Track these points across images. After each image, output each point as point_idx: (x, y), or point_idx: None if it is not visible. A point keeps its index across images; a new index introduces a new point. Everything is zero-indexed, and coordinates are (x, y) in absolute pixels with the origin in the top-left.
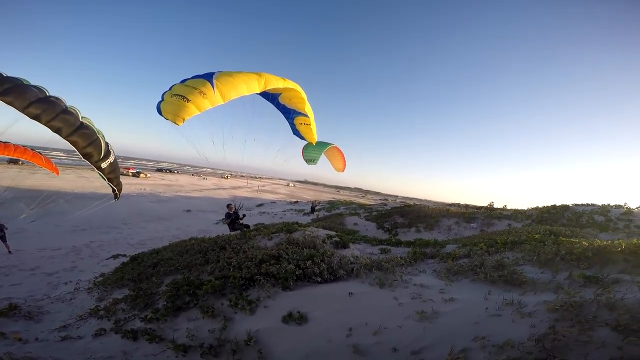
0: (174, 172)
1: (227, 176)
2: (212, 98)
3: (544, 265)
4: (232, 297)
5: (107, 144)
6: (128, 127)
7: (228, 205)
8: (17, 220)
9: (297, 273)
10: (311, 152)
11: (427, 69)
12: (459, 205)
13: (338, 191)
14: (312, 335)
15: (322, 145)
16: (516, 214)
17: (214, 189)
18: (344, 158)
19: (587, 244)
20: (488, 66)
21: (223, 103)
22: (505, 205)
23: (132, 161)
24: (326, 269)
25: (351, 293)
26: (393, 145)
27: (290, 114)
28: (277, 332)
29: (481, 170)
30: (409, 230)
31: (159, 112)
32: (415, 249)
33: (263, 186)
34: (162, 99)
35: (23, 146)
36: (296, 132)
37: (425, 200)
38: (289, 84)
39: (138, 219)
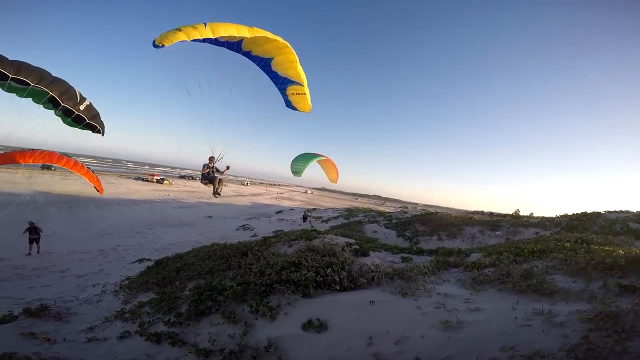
0: (196, 179)
1: (247, 183)
2: (202, 31)
3: (575, 274)
4: (253, 303)
5: (80, 93)
6: (153, 137)
7: (210, 158)
8: (49, 223)
9: (317, 280)
10: (298, 164)
11: (448, 68)
12: (482, 213)
13: (356, 198)
14: (331, 343)
15: (308, 157)
16: (544, 222)
17: (234, 196)
18: (337, 170)
19: (622, 252)
20: (513, 69)
21: (212, 37)
22: (532, 213)
23: (158, 168)
24: (346, 277)
25: (372, 301)
26: (413, 151)
27: (283, 83)
28: (297, 339)
29: (506, 177)
30: (430, 239)
31: (153, 44)
32: (438, 258)
33: (282, 193)
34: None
35: (74, 159)
36: (289, 104)
37: (447, 208)
38: (279, 40)
39: (162, 224)
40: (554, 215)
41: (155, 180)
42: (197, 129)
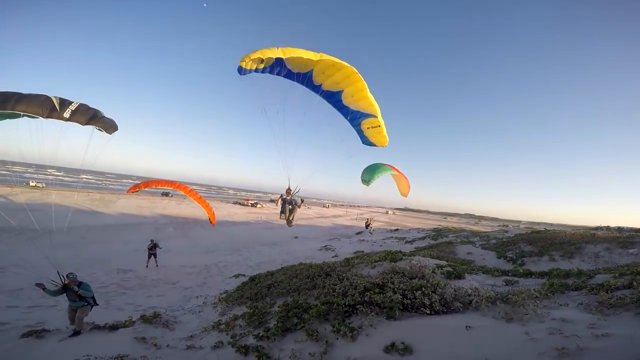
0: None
1: (328, 205)
2: (274, 51)
3: None
4: (335, 322)
5: (61, 98)
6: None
7: (287, 189)
8: (166, 241)
9: (404, 303)
10: (368, 173)
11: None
12: (608, 228)
13: (445, 218)
14: None
15: (380, 168)
16: None
17: (317, 218)
18: (408, 183)
19: None
20: None
21: (282, 57)
22: None
23: (252, 193)
24: (438, 300)
25: (469, 326)
26: (513, 163)
27: (356, 118)
28: None
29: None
30: (539, 260)
31: (238, 70)
32: (552, 280)
33: (362, 214)
34: None
35: (197, 193)
36: (365, 140)
37: (558, 225)
38: (346, 65)
39: (256, 243)
40: None
41: (250, 204)
42: (277, 158)
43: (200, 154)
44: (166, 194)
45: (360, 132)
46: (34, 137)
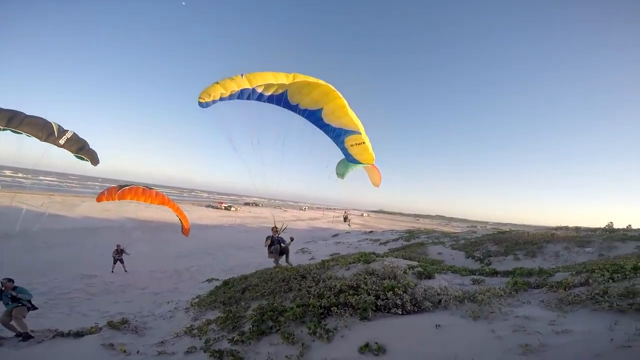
0: (259, 206)
1: (305, 208)
2: (238, 81)
3: None
4: (311, 325)
5: (59, 126)
6: (223, 169)
7: (272, 228)
8: (134, 245)
9: (377, 304)
10: (341, 166)
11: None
12: (567, 228)
13: (417, 220)
14: None
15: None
16: None
17: (294, 220)
18: (379, 174)
19: None
20: (597, 68)
21: (249, 87)
22: (630, 225)
23: (225, 196)
24: (409, 300)
25: (438, 325)
26: (482, 164)
27: (339, 135)
28: None
29: (594, 189)
30: (505, 259)
31: (199, 103)
32: (515, 279)
33: (338, 217)
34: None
35: (175, 204)
36: (350, 157)
37: (523, 226)
38: (321, 83)
39: (229, 247)
40: None
41: (223, 207)
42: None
43: (172, 154)
44: None
45: (344, 150)
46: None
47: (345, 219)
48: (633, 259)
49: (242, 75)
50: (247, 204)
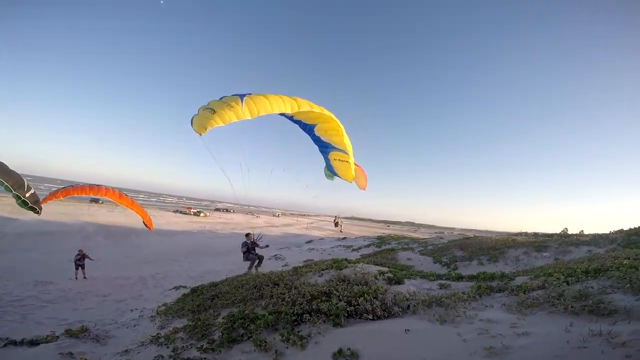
0: (230, 211)
1: (279, 214)
2: (238, 112)
3: (638, 292)
4: (285, 332)
5: (28, 183)
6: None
7: (247, 235)
8: (95, 251)
9: (348, 310)
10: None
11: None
12: (526, 234)
13: (388, 226)
14: None
15: None
16: (597, 239)
17: (266, 227)
18: (365, 177)
19: None
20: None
21: (250, 118)
22: (582, 231)
23: (193, 201)
24: (379, 306)
25: (407, 330)
26: (449, 174)
27: (326, 147)
28: None
29: (549, 196)
30: (470, 264)
31: (191, 124)
32: (479, 283)
33: (312, 223)
34: (197, 113)
35: (131, 198)
36: (330, 169)
37: (487, 231)
38: (324, 112)
39: (198, 253)
40: (607, 232)
41: (192, 213)
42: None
43: (137, 155)
44: (95, 201)
45: (327, 161)
46: None
47: (337, 224)
48: (585, 262)
49: (241, 101)
50: (218, 209)
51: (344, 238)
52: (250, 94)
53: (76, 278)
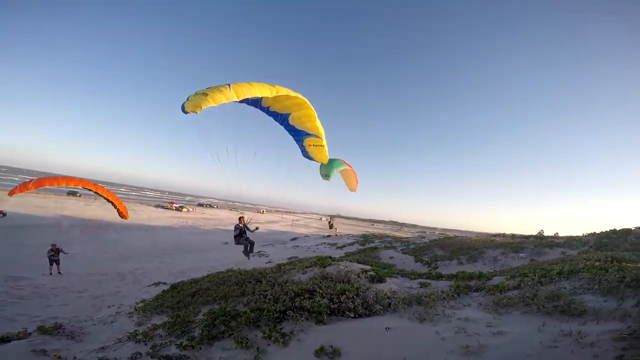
0: (213, 207)
1: (263, 211)
2: (227, 94)
3: (607, 294)
4: (267, 329)
5: None
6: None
7: (240, 218)
8: (71, 246)
9: (331, 307)
10: (327, 168)
11: (463, 83)
12: (504, 235)
13: (372, 224)
14: None
15: (339, 163)
16: (570, 241)
17: (251, 223)
18: (356, 178)
19: None
20: (539, 85)
21: (237, 100)
22: (557, 233)
23: (177, 197)
24: (361, 304)
25: (388, 328)
26: (432, 175)
27: (300, 135)
28: None
29: (528, 199)
30: (450, 263)
31: (183, 110)
32: (458, 282)
33: (297, 220)
34: (187, 99)
35: (102, 186)
36: (306, 154)
37: (467, 232)
38: (299, 97)
39: (180, 249)
40: (580, 234)
41: (174, 208)
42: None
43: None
44: (73, 193)
45: (302, 147)
46: None
47: (331, 225)
48: (559, 264)
49: (229, 85)
50: (201, 205)
51: (329, 235)
52: (235, 82)
53: (50, 273)
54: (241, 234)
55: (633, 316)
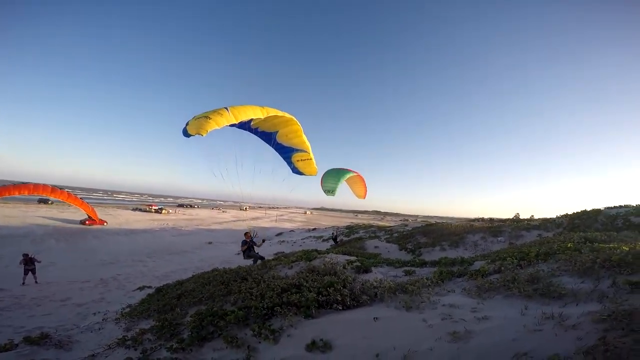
0: (194, 207)
1: (246, 208)
2: (227, 117)
3: (583, 275)
4: (256, 326)
5: None
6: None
7: (245, 234)
8: (47, 254)
9: (319, 300)
10: (329, 183)
11: (445, 78)
12: (483, 219)
13: (356, 215)
14: None
15: (341, 174)
16: (545, 223)
17: (234, 221)
18: (365, 185)
19: (627, 249)
20: (504, 76)
21: (236, 122)
22: (533, 216)
23: (156, 199)
24: (348, 295)
25: (376, 318)
26: (412, 164)
27: (287, 152)
28: None
29: (503, 184)
30: (433, 250)
31: (185, 134)
32: (441, 269)
33: (281, 215)
34: (187, 124)
35: (67, 191)
36: (295, 170)
37: (447, 218)
38: (286, 115)
39: (162, 252)
40: (554, 216)
41: (153, 210)
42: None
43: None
44: (44, 201)
45: (291, 165)
46: None
47: (335, 238)
48: (535, 246)
49: (227, 109)
50: (181, 205)
51: (314, 229)
52: (231, 105)
53: (23, 283)
54: (249, 248)
55: (609, 297)
